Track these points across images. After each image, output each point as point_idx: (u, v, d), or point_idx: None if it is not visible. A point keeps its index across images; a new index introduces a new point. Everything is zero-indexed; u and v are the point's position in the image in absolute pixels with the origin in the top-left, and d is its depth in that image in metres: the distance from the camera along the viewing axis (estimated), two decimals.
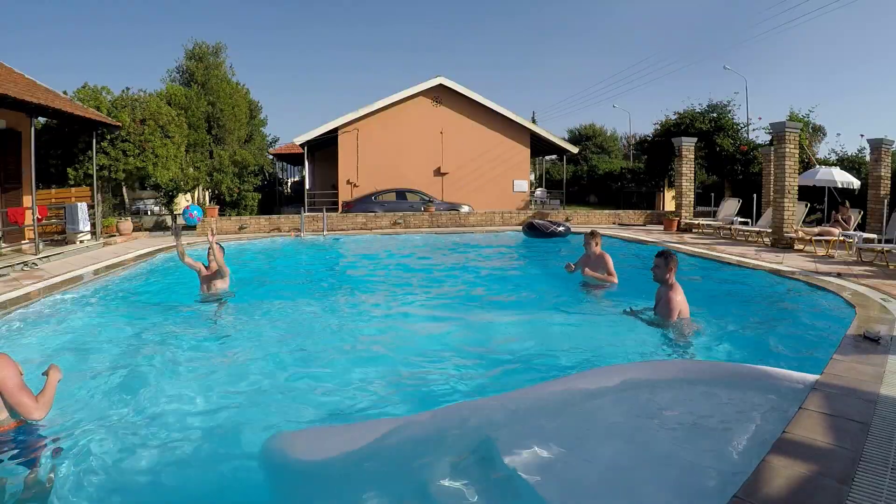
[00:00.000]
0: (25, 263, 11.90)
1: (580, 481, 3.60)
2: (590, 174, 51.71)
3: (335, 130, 27.64)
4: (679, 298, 7.07)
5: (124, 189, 23.03)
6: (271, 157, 41.06)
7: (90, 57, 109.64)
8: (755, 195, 20.61)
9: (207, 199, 28.55)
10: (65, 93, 18.43)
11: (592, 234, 10.10)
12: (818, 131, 32.39)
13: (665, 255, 7.24)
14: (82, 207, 15.25)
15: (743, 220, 19.04)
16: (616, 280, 9.69)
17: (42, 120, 19.10)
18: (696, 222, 20.16)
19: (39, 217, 13.97)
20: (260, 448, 4.27)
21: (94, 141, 17.98)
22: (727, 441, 3.83)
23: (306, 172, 32.15)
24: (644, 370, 5.07)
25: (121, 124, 19.17)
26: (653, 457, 3.84)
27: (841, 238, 13.93)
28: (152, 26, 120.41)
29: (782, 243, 14.82)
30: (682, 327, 6.99)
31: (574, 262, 10.21)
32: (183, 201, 28.42)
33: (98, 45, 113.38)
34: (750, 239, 16.70)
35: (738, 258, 12.59)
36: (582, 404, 4.42)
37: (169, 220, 23.11)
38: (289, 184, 48.76)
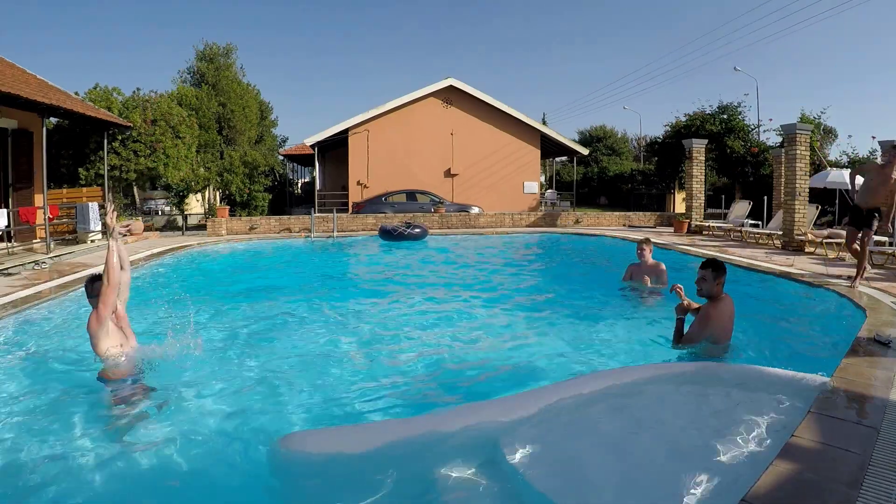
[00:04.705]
0: (36, 262, 11.97)
1: (586, 484, 3.59)
2: (600, 176, 51.66)
3: (346, 131, 27.69)
4: (719, 315, 6.14)
5: (135, 189, 23.18)
6: (282, 157, 41.18)
7: (101, 58, 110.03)
8: (766, 197, 20.51)
9: (218, 199, 28.66)
10: (76, 93, 18.58)
11: (644, 241, 9.83)
12: (829, 133, 32.25)
13: (710, 265, 6.18)
14: (93, 207, 15.35)
15: (753, 222, 18.95)
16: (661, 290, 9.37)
17: (54, 120, 19.26)
18: (707, 224, 20.10)
19: (51, 216, 14.06)
20: (270, 448, 4.29)
21: (106, 141, 18.10)
22: (735, 444, 3.81)
23: (317, 173, 32.25)
24: (651, 372, 5.05)
25: (132, 125, 19.30)
26: (659, 460, 3.83)
27: None
28: (163, 28, 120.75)
29: (793, 246, 14.74)
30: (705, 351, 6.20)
31: (624, 273, 10.01)
32: (193, 201, 28.57)
33: (109, 47, 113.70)
34: (760, 241, 16.62)
35: (748, 260, 12.53)
36: (588, 407, 4.40)
37: (180, 219, 23.22)
38: (299, 185, 48.88)
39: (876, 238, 13.10)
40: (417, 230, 18.71)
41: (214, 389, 5.58)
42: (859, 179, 10.07)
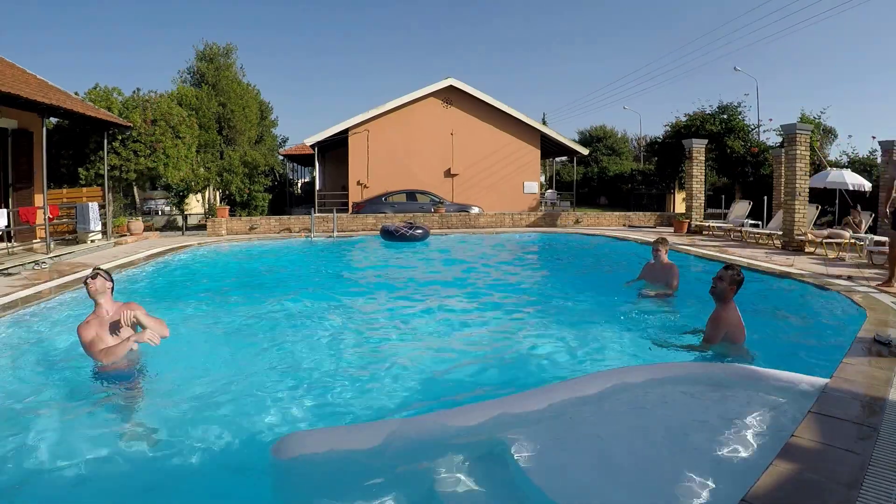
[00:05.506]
0: (36, 262, 11.97)
1: (586, 484, 3.59)
2: (600, 176, 51.66)
3: (346, 131, 27.67)
4: (729, 317, 6.38)
5: (135, 189, 23.17)
6: (282, 157, 41.16)
7: (101, 58, 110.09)
8: (766, 197, 20.52)
9: (218, 199, 28.66)
10: (76, 93, 18.56)
11: (660, 241, 9.65)
12: (829, 133, 32.24)
13: (732, 269, 6.50)
14: (93, 207, 15.35)
15: (753, 222, 18.94)
16: (671, 293, 9.19)
17: (54, 120, 19.24)
18: (707, 224, 20.09)
19: (51, 217, 14.06)
20: (268, 448, 4.29)
21: (106, 141, 18.09)
22: (735, 444, 3.81)
23: (317, 173, 32.21)
24: (652, 373, 5.05)
25: (132, 125, 19.28)
26: (659, 460, 3.83)
27: (851, 241, 13.85)
28: (163, 28, 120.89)
29: (793, 246, 14.74)
30: (726, 351, 6.36)
31: (639, 274, 9.92)
32: (193, 201, 28.56)
33: (109, 47, 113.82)
34: (760, 241, 16.61)
35: (748, 260, 12.53)
36: (589, 407, 4.41)
37: (180, 219, 23.22)
38: (299, 185, 48.87)
39: (876, 238, 13.12)
40: (419, 231, 18.69)
41: (212, 388, 5.59)
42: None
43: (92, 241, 15.59)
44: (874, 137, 25.11)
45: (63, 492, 3.87)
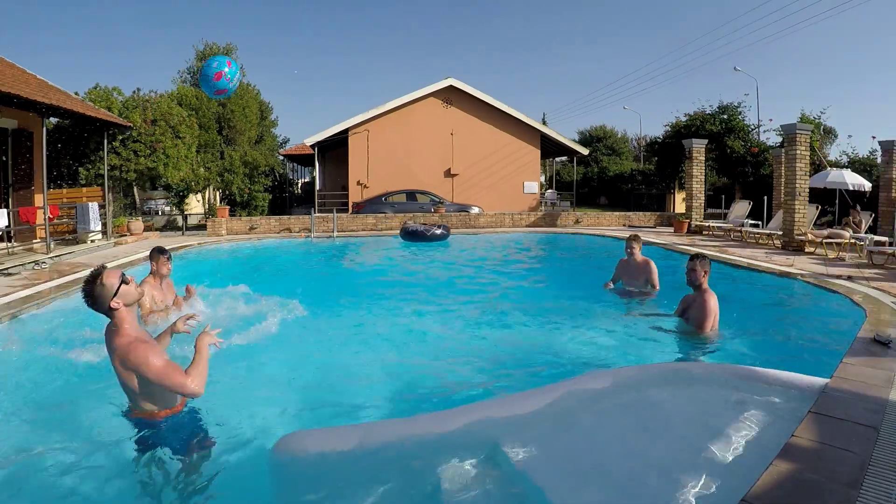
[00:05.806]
0: (36, 262, 11.97)
1: (585, 484, 3.59)
2: (600, 176, 51.66)
3: (346, 131, 27.68)
4: (714, 304, 6.81)
5: (135, 189, 23.16)
6: (282, 157, 41.16)
7: (101, 58, 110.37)
8: (766, 197, 20.50)
9: (218, 199, 28.65)
10: (76, 93, 18.55)
11: (633, 237, 9.48)
12: (829, 133, 32.23)
13: (700, 258, 6.96)
14: (93, 207, 15.35)
15: (753, 222, 18.94)
16: (654, 292, 9.13)
17: (54, 120, 19.23)
18: (707, 224, 20.09)
19: (51, 217, 14.05)
20: (268, 449, 4.28)
21: (106, 141, 18.09)
22: (735, 445, 3.81)
23: (317, 173, 32.22)
24: (651, 372, 5.05)
25: (132, 125, 19.26)
26: (659, 460, 3.83)
27: (851, 241, 13.85)
28: (163, 28, 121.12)
29: (793, 246, 14.74)
30: (713, 336, 6.77)
31: (614, 273, 9.78)
32: (193, 201, 28.55)
33: (109, 47, 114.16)
34: (760, 241, 16.60)
35: (748, 260, 12.52)
36: (588, 407, 4.41)
37: (180, 219, 23.21)
38: (299, 185, 48.87)
39: (876, 238, 13.11)
40: (439, 231, 18.63)
41: (211, 387, 5.56)
42: None
43: (92, 241, 15.59)
44: (874, 137, 25.13)
45: (61, 491, 3.87)
